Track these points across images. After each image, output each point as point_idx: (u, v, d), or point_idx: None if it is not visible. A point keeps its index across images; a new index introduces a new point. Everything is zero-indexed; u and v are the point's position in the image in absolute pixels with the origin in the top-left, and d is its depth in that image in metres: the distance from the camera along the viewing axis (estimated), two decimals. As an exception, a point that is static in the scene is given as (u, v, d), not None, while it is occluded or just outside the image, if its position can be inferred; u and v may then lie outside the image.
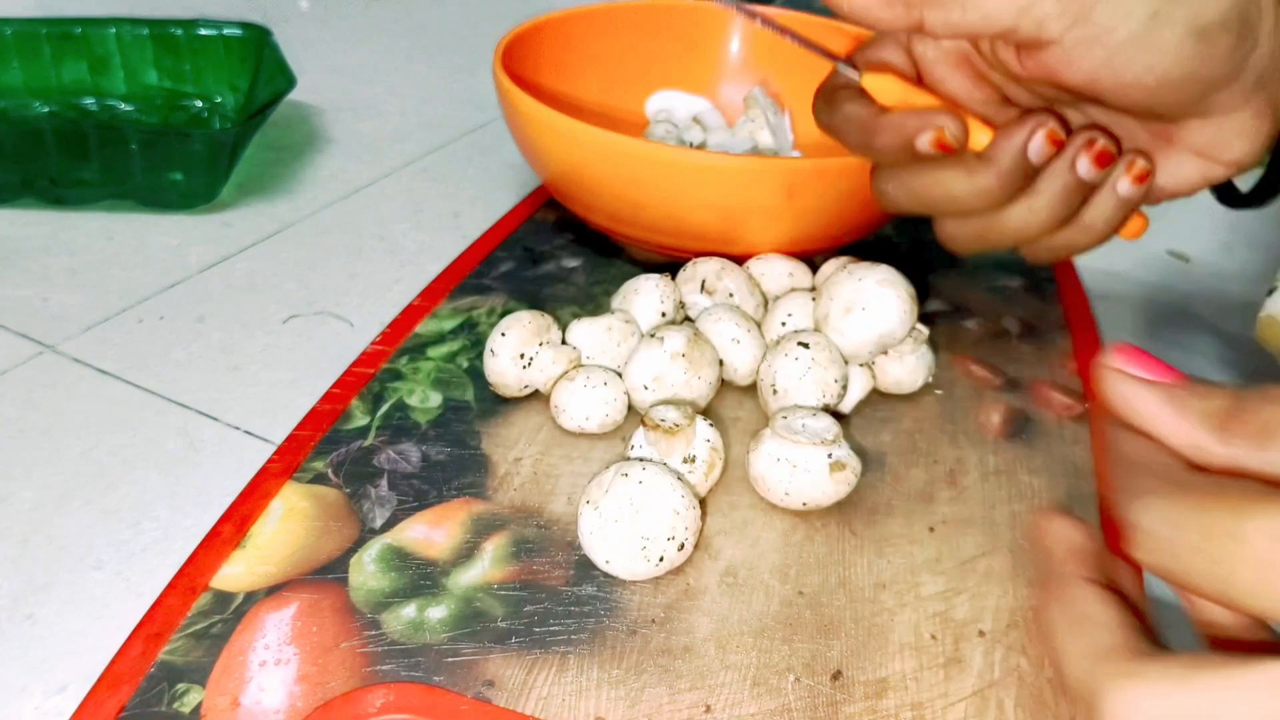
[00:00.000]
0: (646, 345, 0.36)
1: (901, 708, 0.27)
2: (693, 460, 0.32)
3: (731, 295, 0.40)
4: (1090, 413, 0.27)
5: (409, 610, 0.29)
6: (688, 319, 0.40)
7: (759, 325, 0.39)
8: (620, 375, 0.37)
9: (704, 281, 0.40)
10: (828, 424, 0.33)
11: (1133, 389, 0.21)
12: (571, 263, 0.47)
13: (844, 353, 0.37)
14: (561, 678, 0.27)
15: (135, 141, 0.46)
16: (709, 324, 0.38)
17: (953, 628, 0.29)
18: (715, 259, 0.41)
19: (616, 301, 0.40)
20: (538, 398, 0.38)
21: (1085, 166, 0.30)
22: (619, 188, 0.41)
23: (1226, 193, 0.36)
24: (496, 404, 0.37)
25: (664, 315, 0.39)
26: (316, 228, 0.50)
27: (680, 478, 0.31)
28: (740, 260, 0.43)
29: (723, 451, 0.34)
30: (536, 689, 0.27)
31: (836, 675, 0.28)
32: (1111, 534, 0.34)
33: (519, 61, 0.49)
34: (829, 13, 0.69)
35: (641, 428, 0.33)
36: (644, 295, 0.39)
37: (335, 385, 0.38)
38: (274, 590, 0.29)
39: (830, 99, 0.33)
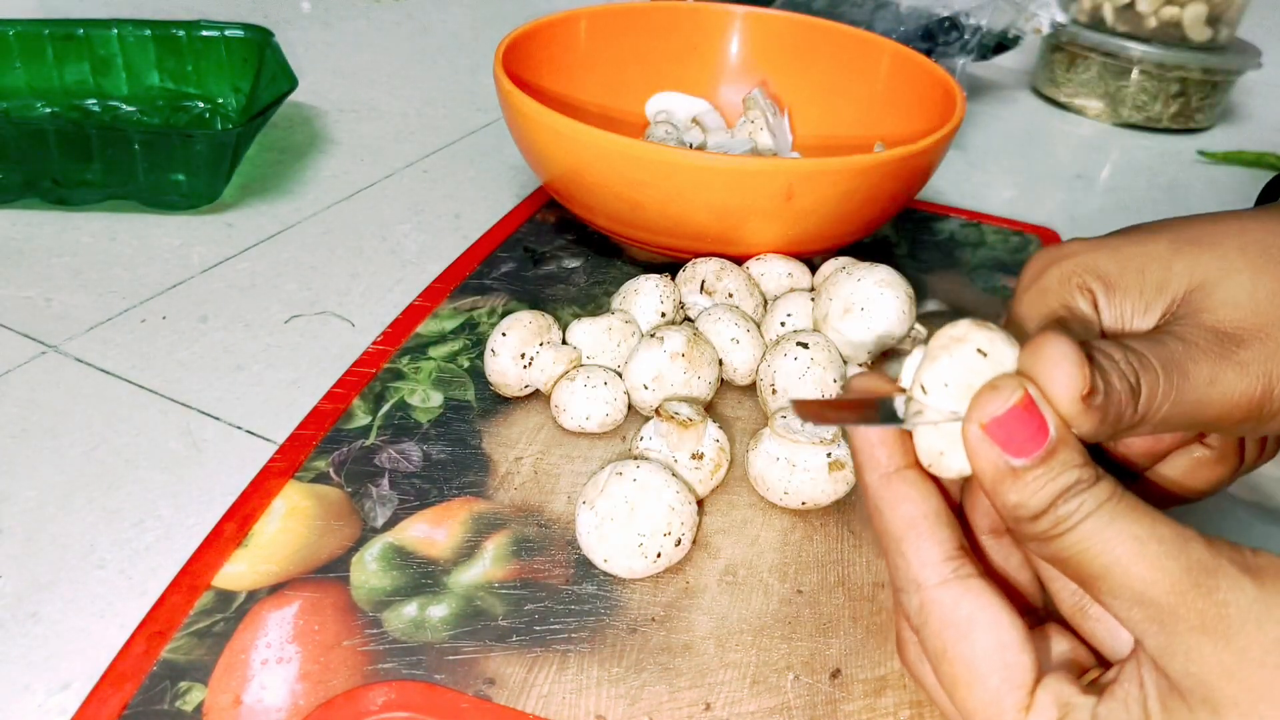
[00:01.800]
0: (646, 345, 0.36)
1: (900, 706, 0.27)
2: (700, 457, 0.33)
3: (731, 295, 0.40)
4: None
5: (410, 609, 0.29)
6: (687, 319, 0.40)
7: (758, 325, 0.39)
8: (620, 375, 0.37)
9: (703, 282, 0.40)
10: (827, 423, 0.33)
11: (992, 461, 0.22)
12: (572, 263, 0.47)
13: (843, 353, 0.37)
14: (562, 676, 0.27)
15: (138, 142, 0.46)
16: (709, 324, 0.38)
17: (951, 626, 0.30)
18: (715, 259, 0.41)
19: (616, 302, 0.40)
20: (538, 397, 0.38)
21: None
22: (619, 189, 0.42)
23: None
24: (497, 403, 0.37)
25: (664, 315, 0.39)
26: (318, 228, 0.50)
27: (675, 474, 0.31)
28: (740, 261, 0.43)
29: (729, 453, 0.34)
30: (537, 687, 0.27)
31: (835, 673, 0.28)
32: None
33: (519, 63, 0.49)
34: (828, 14, 0.69)
35: (655, 419, 0.33)
36: (644, 295, 0.39)
37: (337, 385, 0.38)
38: (276, 589, 0.29)
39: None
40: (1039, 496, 0.21)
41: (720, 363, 0.37)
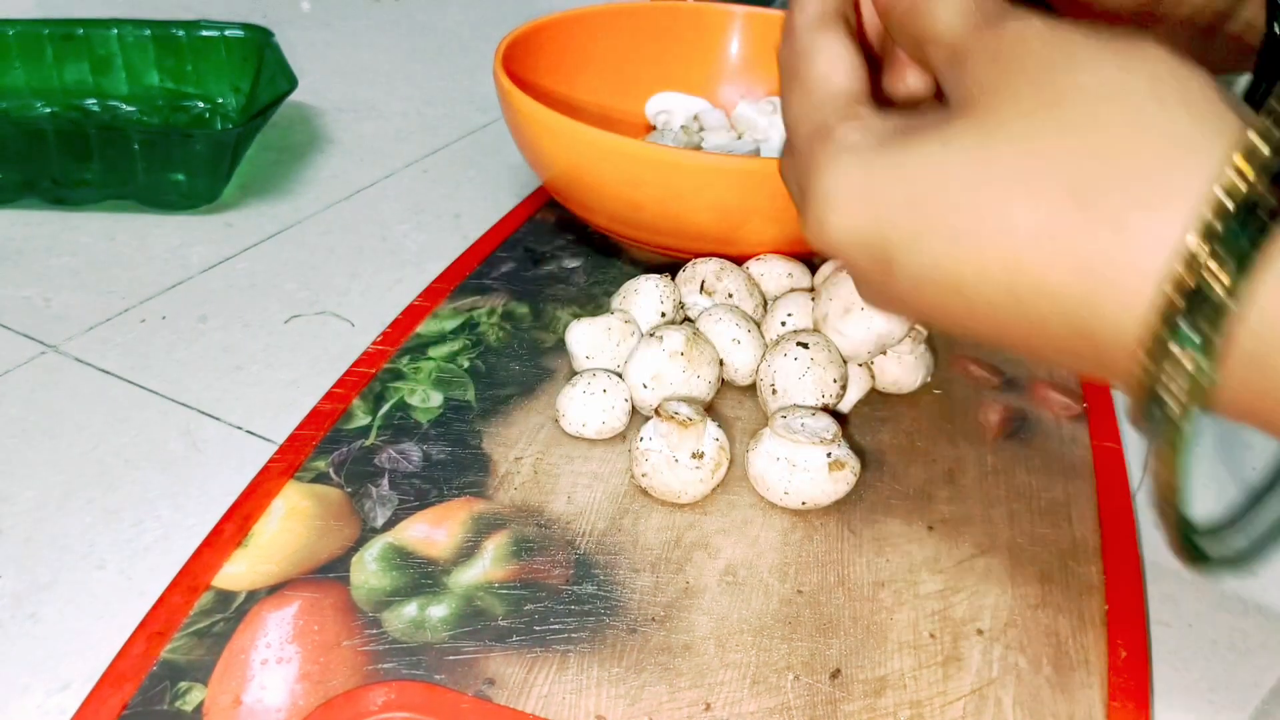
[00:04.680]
0: (645, 344, 0.36)
1: (900, 706, 0.27)
2: (700, 457, 0.33)
3: (731, 296, 0.40)
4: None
5: (410, 609, 0.29)
6: (688, 319, 0.40)
7: (758, 325, 0.39)
8: (623, 380, 0.37)
9: (703, 282, 0.40)
10: (827, 423, 0.33)
11: None
12: (572, 263, 0.47)
13: (843, 353, 0.37)
14: (562, 676, 0.27)
15: (137, 142, 0.46)
16: (709, 324, 0.38)
17: (951, 626, 0.30)
18: (715, 260, 0.41)
19: (616, 302, 0.40)
20: (538, 397, 0.38)
21: None
22: (619, 189, 0.42)
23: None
24: (497, 403, 0.37)
25: (664, 315, 0.39)
26: (318, 228, 0.50)
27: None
28: (740, 261, 0.43)
29: (729, 453, 0.34)
30: (537, 687, 0.27)
31: (835, 673, 0.28)
32: (1111, 533, 0.34)
33: (519, 63, 0.49)
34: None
35: (655, 418, 0.33)
36: (644, 295, 0.39)
37: (337, 385, 0.38)
38: (275, 589, 0.29)
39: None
40: None
41: (721, 363, 0.37)
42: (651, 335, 0.36)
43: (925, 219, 0.22)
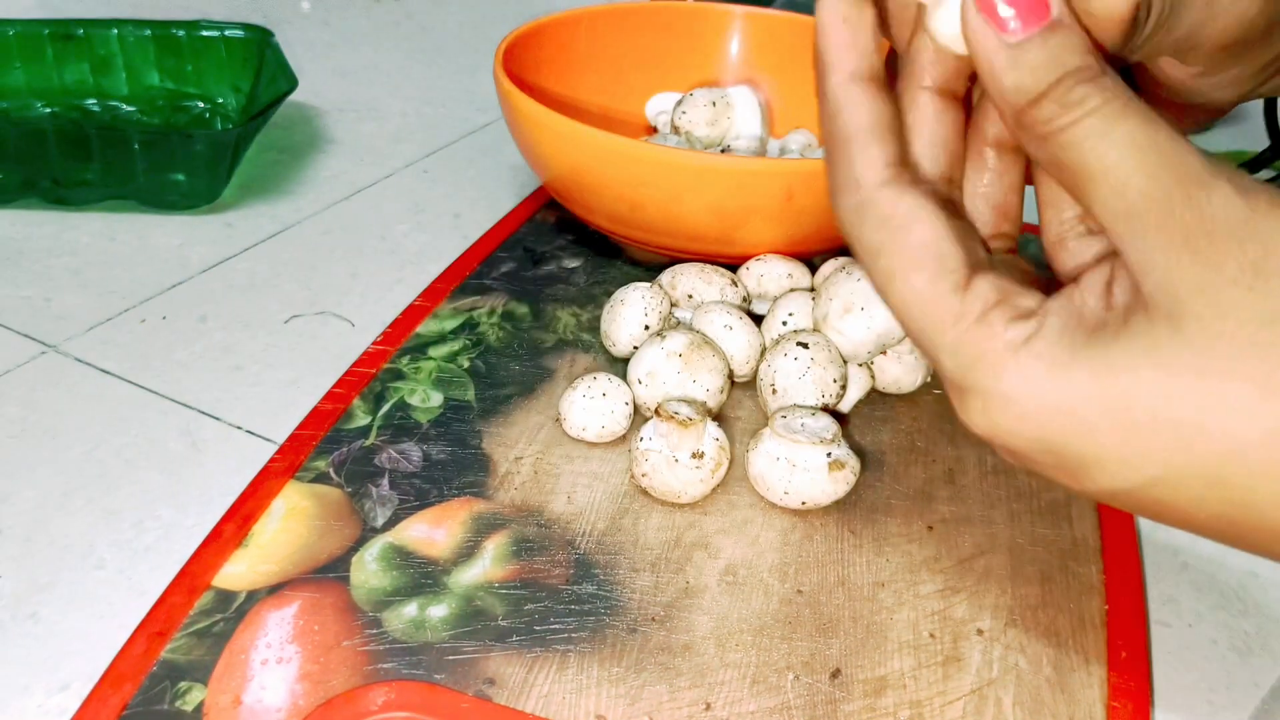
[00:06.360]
0: (649, 342, 0.36)
1: (900, 706, 0.27)
2: (700, 456, 0.33)
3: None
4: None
5: (410, 609, 0.29)
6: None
7: (749, 315, 0.39)
8: (624, 380, 0.37)
9: (690, 295, 0.41)
10: (827, 423, 0.33)
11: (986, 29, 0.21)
12: (572, 263, 0.47)
13: (843, 352, 0.37)
14: (562, 676, 0.27)
15: (137, 142, 0.46)
16: (702, 319, 0.38)
17: (951, 626, 0.30)
18: (695, 265, 0.41)
19: (605, 310, 0.40)
20: (538, 397, 0.38)
21: None
22: (619, 189, 0.42)
23: None
24: (497, 403, 0.37)
25: (647, 328, 0.38)
26: (318, 228, 0.50)
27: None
28: (740, 261, 0.43)
29: (729, 453, 0.34)
30: (537, 687, 0.27)
31: (835, 673, 0.28)
32: (1111, 533, 0.34)
33: (519, 63, 0.49)
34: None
35: (655, 418, 0.33)
36: (630, 306, 0.39)
37: (337, 385, 0.38)
38: (276, 589, 0.29)
39: None
40: (1038, 75, 0.20)
41: (730, 375, 0.37)
42: (658, 334, 0.36)
43: (1134, 432, 0.20)
